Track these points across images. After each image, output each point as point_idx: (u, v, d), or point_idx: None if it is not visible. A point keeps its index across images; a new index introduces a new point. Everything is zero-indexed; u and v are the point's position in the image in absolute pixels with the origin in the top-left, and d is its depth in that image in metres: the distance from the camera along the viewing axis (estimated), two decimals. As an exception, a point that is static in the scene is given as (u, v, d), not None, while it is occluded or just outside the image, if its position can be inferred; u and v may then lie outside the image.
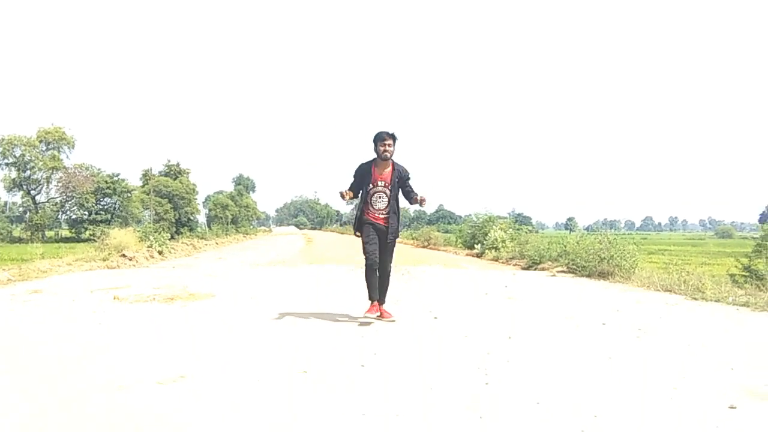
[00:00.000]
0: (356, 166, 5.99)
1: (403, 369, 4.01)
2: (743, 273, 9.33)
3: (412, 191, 5.98)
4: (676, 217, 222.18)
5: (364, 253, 5.79)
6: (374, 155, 5.88)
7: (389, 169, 5.87)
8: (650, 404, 3.25)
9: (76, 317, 6.14)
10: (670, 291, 8.26)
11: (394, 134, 5.82)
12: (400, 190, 5.96)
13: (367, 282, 5.86)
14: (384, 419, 3.00)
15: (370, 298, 5.84)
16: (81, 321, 5.90)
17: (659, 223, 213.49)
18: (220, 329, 5.50)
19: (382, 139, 5.78)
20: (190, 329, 5.48)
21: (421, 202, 5.90)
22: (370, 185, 5.85)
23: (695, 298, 7.57)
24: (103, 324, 5.72)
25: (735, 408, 3.16)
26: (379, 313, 5.80)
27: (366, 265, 5.79)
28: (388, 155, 5.80)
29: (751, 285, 8.14)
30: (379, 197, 5.87)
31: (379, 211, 5.87)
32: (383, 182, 5.85)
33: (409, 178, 5.98)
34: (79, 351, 4.54)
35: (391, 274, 6.08)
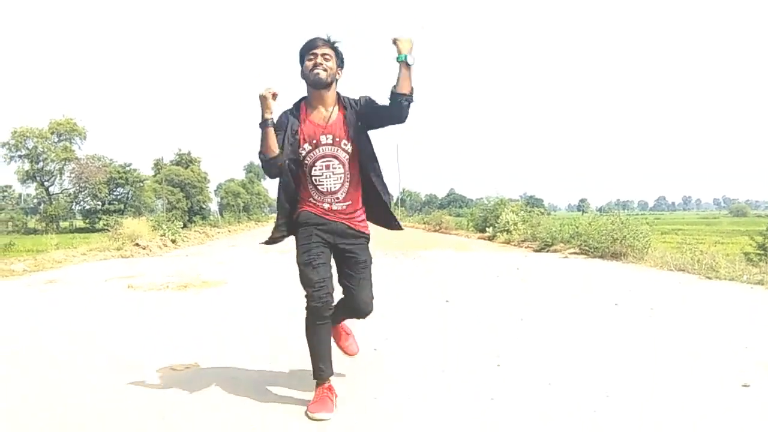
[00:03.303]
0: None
1: (415, 352, 4.02)
2: (758, 251, 9.27)
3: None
4: (689, 197, 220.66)
5: (304, 286, 2.95)
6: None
7: (335, 109, 3.00)
8: (663, 383, 3.24)
9: (91, 306, 6.20)
10: (684, 270, 8.20)
11: (333, 42, 3.00)
12: (365, 134, 3.01)
13: (309, 345, 3.00)
14: (396, 402, 3.02)
15: (317, 374, 2.99)
16: (96, 309, 5.96)
17: (673, 203, 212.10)
18: (233, 316, 5.53)
19: (312, 46, 2.95)
20: (203, 316, 5.53)
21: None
22: (304, 147, 2.95)
23: (709, 277, 7.51)
24: (117, 312, 5.78)
25: (748, 386, 3.14)
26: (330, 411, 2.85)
27: (307, 310, 2.96)
28: (323, 78, 2.90)
29: (766, 263, 8.07)
30: (327, 168, 2.95)
31: (330, 197, 2.96)
32: (330, 136, 2.94)
33: (370, 98, 3.01)
34: (95, 338, 4.60)
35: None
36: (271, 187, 74.06)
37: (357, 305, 3.12)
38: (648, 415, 2.76)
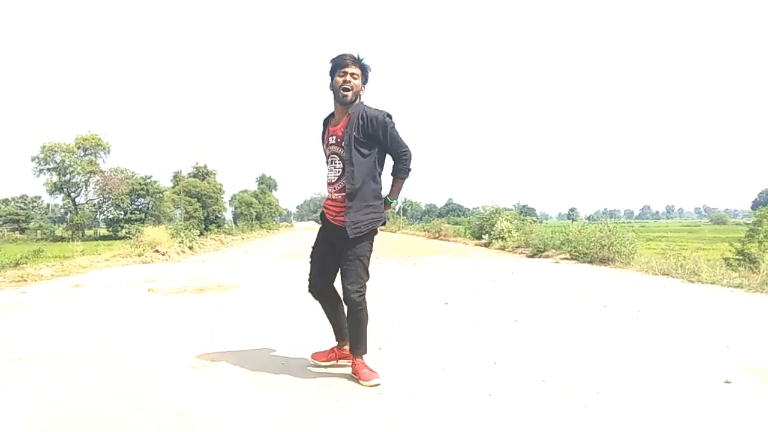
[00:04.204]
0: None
1: (417, 351, 4.02)
2: (737, 257, 9.23)
3: (397, 164, 3.34)
4: (672, 206, 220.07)
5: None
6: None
7: (345, 115, 3.26)
8: (650, 380, 3.23)
9: (115, 308, 6.20)
10: (668, 275, 8.18)
11: (362, 60, 3.25)
12: (361, 151, 3.21)
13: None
14: (400, 397, 3.01)
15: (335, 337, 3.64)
16: (119, 311, 5.97)
17: (657, 212, 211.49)
18: (246, 317, 5.53)
19: (341, 65, 3.22)
20: (218, 318, 5.52)
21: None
22: (324, 147, 3.39)
23: (691, 281, 7.49)
24: (139, 314, 5.79)
25: (730, 382, 3.14)
26: (332, 362, 3.59)
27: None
28: (349, 96, 3.19)
29: (745, 268, 8.03)
30: (331, 163, 3.31)
31: (331, 188, 3.33)
32: (335, 137, 3.26)
33: (387, 129, 3.20)
34: (118, 338, 4.60)
35: (360, 306, 3.24)
36: (281, 197, 74.05)
37: (343, 290, 3.31)
38: (636, 410, 2.75)
